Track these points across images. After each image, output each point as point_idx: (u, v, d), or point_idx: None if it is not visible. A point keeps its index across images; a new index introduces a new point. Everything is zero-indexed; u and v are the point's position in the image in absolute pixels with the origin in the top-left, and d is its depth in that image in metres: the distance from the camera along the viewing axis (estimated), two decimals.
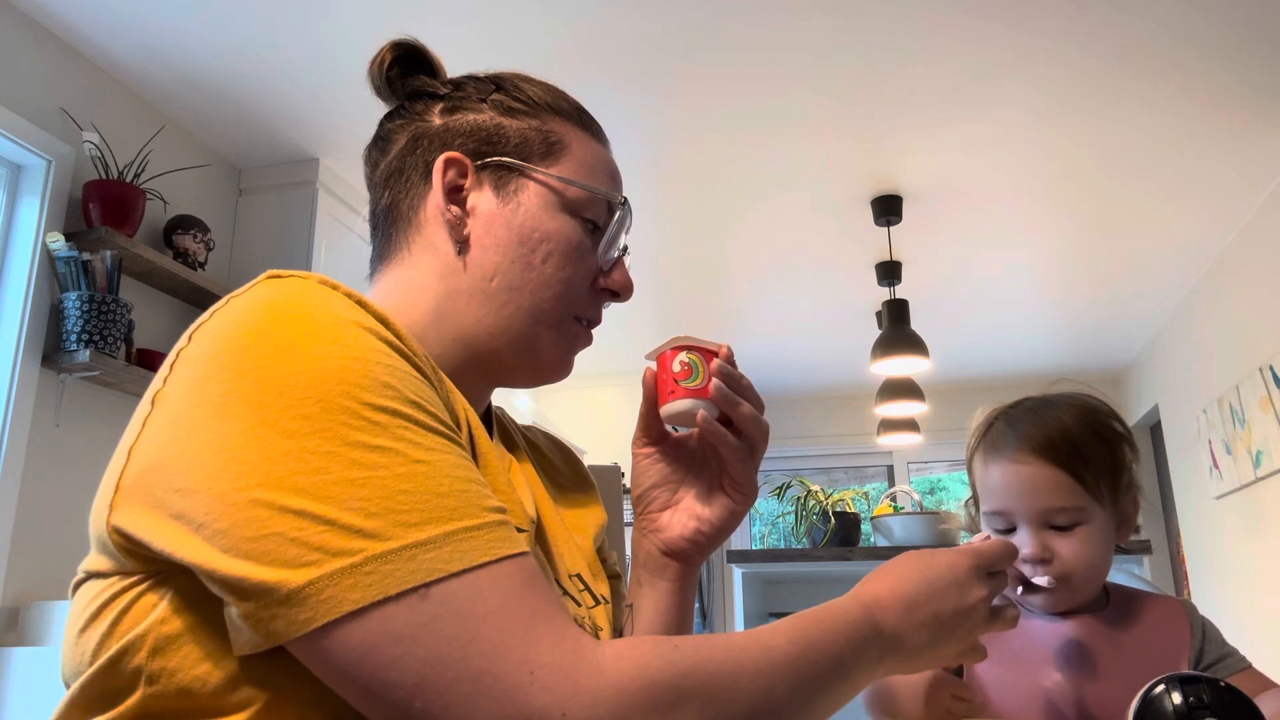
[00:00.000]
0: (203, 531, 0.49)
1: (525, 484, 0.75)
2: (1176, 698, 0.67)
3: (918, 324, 3.75)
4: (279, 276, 0.57)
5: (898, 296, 3.73)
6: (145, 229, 2.69)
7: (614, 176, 0.78)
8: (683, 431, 0.80)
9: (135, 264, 2.58)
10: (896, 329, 3.57)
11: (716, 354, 0.74)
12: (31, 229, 2.40)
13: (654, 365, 0.77)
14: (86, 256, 2.40)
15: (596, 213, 0.75)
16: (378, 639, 0.47)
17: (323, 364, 0.51)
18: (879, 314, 4.15)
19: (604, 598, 0.77)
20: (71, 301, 2.37)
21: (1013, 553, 0.74)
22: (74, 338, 2.36)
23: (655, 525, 0.78)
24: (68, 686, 0.56)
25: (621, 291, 0.77)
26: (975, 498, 1.06)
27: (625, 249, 0.79)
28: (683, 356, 0.74)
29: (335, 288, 0.57)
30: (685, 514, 0.77)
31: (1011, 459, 1.01)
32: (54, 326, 2.41)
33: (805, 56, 2.66)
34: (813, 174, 3.35)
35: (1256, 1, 2.40)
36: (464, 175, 0.74)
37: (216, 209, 3.09)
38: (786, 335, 5.13)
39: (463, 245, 0.72)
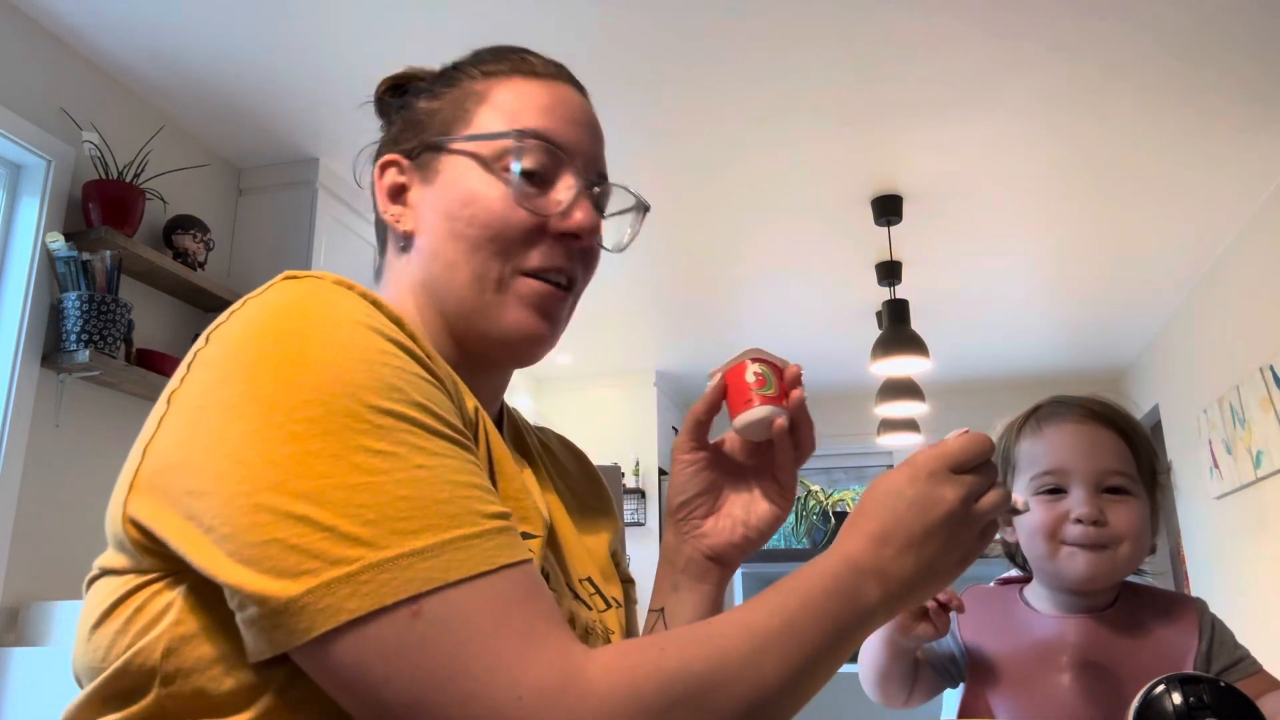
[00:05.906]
0: (211, 535, 0.49)
1: (537, 487, 0.74)
2: (1176, 698, 0.67)
3: (918, 324, 3.75)
4: (295, 277, 0.57)
5: (898, 296, 3.73)
6: (145, 229, 2.68)
7: (546, 109, 0.72)
8: (750, 439, 0.78)
9: (135, 264, 2.58)
10: (896, 329, 3.57)
11: (783, 369, 0.76)
12: (31, 229, 2.40)
13: (712, 379, 0.77)
14: (86, 256, 2.40)
15: (525, 158, 0.70)
16: (371, 655, 0.47)
17: (329, 368, 0.51)
18: (879, 314, 4.15)
19: (615, 600, 0.77)
20: (71, 301, 2.37)
21: (986, 445, 0.64)
22: (74, 338, 2.36)
23: (700, 531, 0.78)
24: (79, 682, 0.57)
25: (578, 232, 0.71)
26: (1007, 477, 1.04)
27: (594, 188, 0.74)
28: (756, 367, 0.75)
29: (350, 288, 0.57)
30: (730, 520, 0.78)
31: (1075, 421, 1.01)
32: (54, 326, 2.41)
33: (806, 57, 2.66)
34: (813, 174, 3.35)
35: (1252, 9, 2.40)
36: (402, 174, 0.74)
37: (216, 209, 3.09)
38: (787, 335, 5.12)
39: (408, 241, 0.73)
